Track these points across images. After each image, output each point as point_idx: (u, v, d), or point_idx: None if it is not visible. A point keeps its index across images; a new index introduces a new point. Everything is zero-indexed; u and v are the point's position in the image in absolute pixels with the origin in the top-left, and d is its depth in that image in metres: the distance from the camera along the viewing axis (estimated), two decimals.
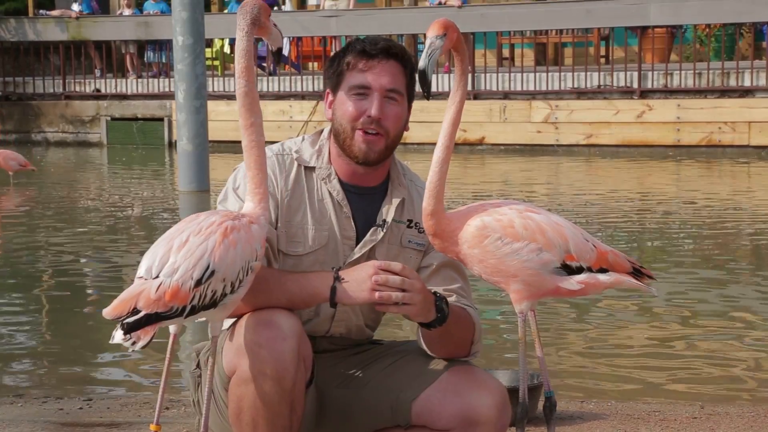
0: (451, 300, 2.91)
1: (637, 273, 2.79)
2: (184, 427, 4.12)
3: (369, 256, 2.95)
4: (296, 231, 2.95)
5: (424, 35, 2.74)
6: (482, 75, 17.19)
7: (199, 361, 2.99)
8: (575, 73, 16.74)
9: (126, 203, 11.91)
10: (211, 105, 12.71)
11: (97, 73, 19.90)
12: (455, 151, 3.04)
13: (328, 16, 18.31)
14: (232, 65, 20.32)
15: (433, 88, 3.01)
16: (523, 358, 2.75)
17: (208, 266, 2.55)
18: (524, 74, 17.05)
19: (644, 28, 17.08)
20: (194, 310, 2.55)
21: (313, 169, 3.00)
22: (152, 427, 2.68)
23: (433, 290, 2.85)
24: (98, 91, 19.47)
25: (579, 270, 2.72)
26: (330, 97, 3.01)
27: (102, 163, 17.27)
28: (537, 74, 16.82)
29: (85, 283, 7.81)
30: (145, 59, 20.06)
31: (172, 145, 17.22)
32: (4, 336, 6.11)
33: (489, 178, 14.26)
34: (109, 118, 19.04)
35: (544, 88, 16.74)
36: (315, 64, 20.65)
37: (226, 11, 20.38)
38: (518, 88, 16.96)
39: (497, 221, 2.72)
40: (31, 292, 7.43)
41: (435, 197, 2.73)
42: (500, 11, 17.99)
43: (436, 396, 2.87)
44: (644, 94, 16.15)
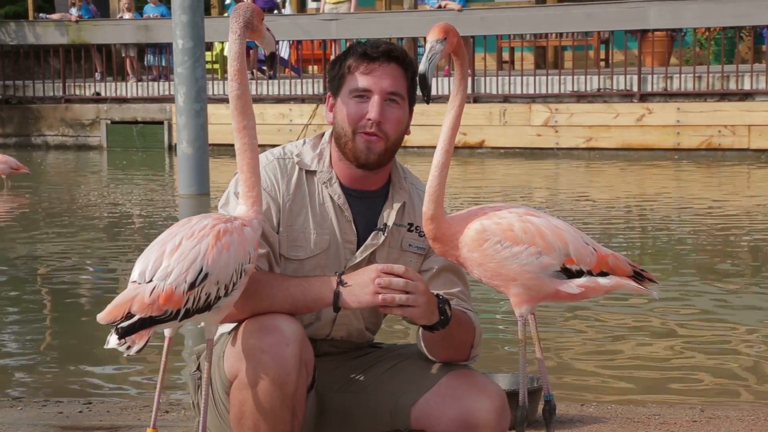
0: (452, 303, 2.91)
1: (639, 276, 2.78)
2: (183, 431, 4.11)
3: (370, 260, 2.95)
4: (298, 235, 2.95)
5: (425, 38, 2.74)
6: (482, 78, 17.19)
7: (199, 364, 2.98)
8: (575, 77, 16.74)
9: (126, 207, 11.91)
10: (211, 108, 12.71)
11: (97, 76, 19.91)
12: (455, 154, 3.04)
13: (328, 19, 18.32)
14: None
15: (433, 92, 3.01)
16: (523, 361, 2.75)
17: (201, 269, 2.55)
18: (524, 77, 17.06)
19: (644, 32, 17.09)
20: (188, 314, 2.55)
21: (314, 172, 3.00)
22: (149, 431, 2.67)
23: (435, 293, 2.85)
24: (98, 94, 19.47)
25: (579, 273, 2.72)
26: (331, 101, 3.01)
27: (102, 167, 17.26)
28: (537, 77, 16.83)
29: (85, 286, 7.80)
30: (145, 62, 20.07)
31: (172, 148, 17.22)
32: (4, 339, 6.11)
33: (489, 181, 14.26)
34: (109, 122, 19.05)
35: (544, 91, 16.74)
36: (315, 68, 20.64)
37: (226, 14, 20.38)
38: (518, 92, 16.96)
39: (497, 225, 2.71)
40: (31, 295, 7.43)
41: (435, 201, 2.73)
42: (500, 14, 18.00)
43: (435, 400, 2.87)
44: (644, 97, 16.15)
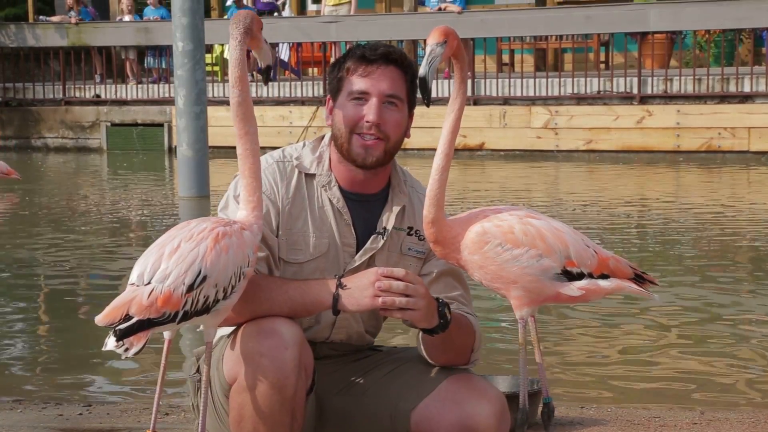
0: (452, 307, 2.90)
1: (640, 279, 2.78)
2: None
3: (369, 264, 2.95)
4: (297, 238, 2.95)
5: (425, 41, 2.74)
6: (482, 80, 17.19)
7: (198, 366, 2.98)
8: (575, 79, 16.74)
9: (126, 209, 11.90)
10: (211, 111, 12.72)
11: (97, 78, 19.91)
12: (455, 156, 3.04)
13: (328, 21, 18.32)
14: None
15: (433, 94, 3.01)
16: (524, 363, 2.75)
17: (199, 272, 2.55)
18: (524, 80, 17.06)
19: (644, 34, 17.10)
20: (187, 316, 2.55)
21: (313, 176, 2.99)
22: None
23: (435, 296, 2.84)
24: (98, 96, 19.47)
25: (580, 276, 2.71)
26: (331, 103, 3.01)
27: (102, 169, 17.26)
28: (537, 80, 16.83)
29: (85, 288, 7.80)
30: (145, 65, 20.07)
31: (172, 150, 17.22)
32: (4, 342, 6.10)
33: (489, 183, 14.26)
34: (109, 124, 19.05)
35: (543, 93, 16.74)
36: (315, 70, 20.65)
37: (226, 17, 20.38)
38: (518, 94, 16.96)
39: (497, 227, 2.71)
40: (31, 297, 7.43)
41: (435, 205, 2.73)
42: (500, 17, 18.01)
43: (434, 405, 2.86)
44: (644, 99, 16.16)
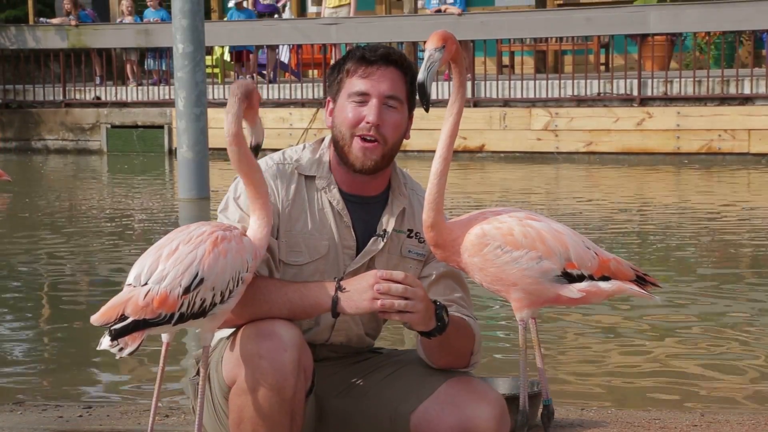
0: (452, 310, 2.90)
1: (641, 280, 2.78)
2: None
3: (369, 266, 2.95)
4: (297, 241, 2.95)
5: (425, 43, 2.74)
6: (482, 82, 17.19)
7: (198, 369, 2.98)
8: (575, 81, 16.74)
9: (126, 211, 11.89)
10: (211, 113, 12.70)
11: (97, 80, 19.91)
12: (455, 158, 3.04)
13: (328, 23, 18.31)
14: (232, 73, 20.39)
15: (434, 96, 3.01)
16: (524, 365, 2.75)
17: (197, 274, 2.56)
18: (524, 82, 17.05)
19: (644, 36, 17.09)
20: (183, 318, 2.55)
21: (313, 178, 3.00)
22: None
23: (433, 299, 2.84)
24: (98, 98, 19.47)
25: (580, 278, 2.71)
26: (331, 105, 3.01)
27: (102, 171, 17.26)
28: (537, 82, 16.82)
29: (85, 290, 7.79)
30: (146, 67, 20.07)
31: (172, 152, 17.21)
32: (4, 343, 6.10)
33: (489, 185, 14.25)
34: (109, 126, 19.04)
35: (544, 95, 16.74)
36: (315, 72, 20.65)
37: (225, 19, 20.38)
38: (518, 96, 16.95)
39: (497, 229, 2.71)
40: (31, 299, 7.43)
41: (435, 209, 2.73)
42: (500, 19, 18.00)
43: (434, 408, 2.86)
44: (644, 101, 16.16)
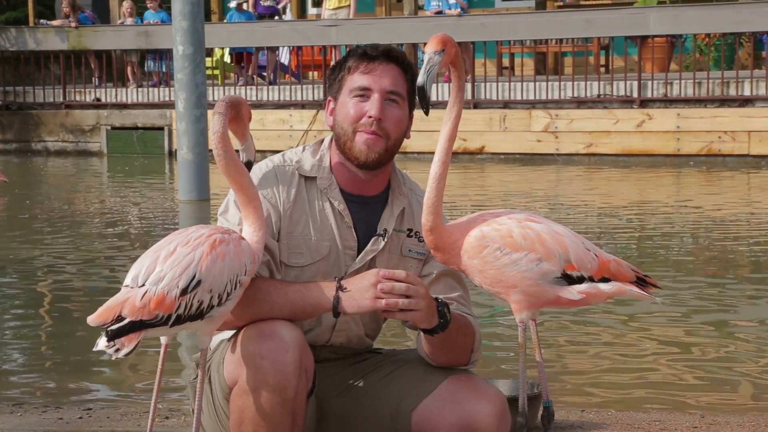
0: (452, 308, 2.91)
1: (641, 282, 2.78)
2: None
3: (370, 266, 2.95)
4: (298, 242, 2.95)
5: (425, 44, 2.74)
6: (482, 84, 17.19)
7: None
8: (575, 83, 16.74)
9: (126, 212, 11.90)
10: (211, 114, 12.72)
11: (97, 82, 19.91)
12: (455, 160, 3.04)
13: (328, 25, 18.32)
14: (232, 74, 20.39)
15: (433, 98, 3.01)
16: (524, 367, 2.75)
17: (194, 276, 2.56)
18: (524, 83, 17.04)
19: (644, 38, 17.09)
20: (180, 320, 2.56)
21: (314, 179, 3.00)
22: None
23: (435, 296, 2.85)
24: (98, 100, 19.48)
25: (580, 279, 2.71)
26: (331, 105, 3.02)
27: (102, 172, 17.26)
28: (537, 83, 16.82)
29: (85, 292, 7.79)
30: (146, 68, 20.08)
31: (172, 154, 17.21)
32: (4, 345, 6.10)
33: (489, 187, 14.25)
34: (109, 127, 19.04)
35: (544, 97, 16.74)
36: (315, 74, 20.65)
37: (225, 21, 20.39)
38: (518, 98, 16.95)
39: (496, 231, 2.71)
40: (31, 301, 7.42)
41: (433, 213, 2.73)
42: (500, 20, 18.01)
43: (435, 405, 2.87)
44: (644, 103, 16.16)
